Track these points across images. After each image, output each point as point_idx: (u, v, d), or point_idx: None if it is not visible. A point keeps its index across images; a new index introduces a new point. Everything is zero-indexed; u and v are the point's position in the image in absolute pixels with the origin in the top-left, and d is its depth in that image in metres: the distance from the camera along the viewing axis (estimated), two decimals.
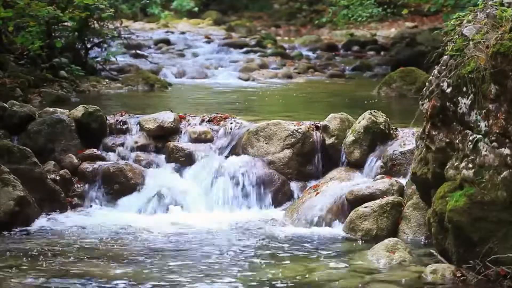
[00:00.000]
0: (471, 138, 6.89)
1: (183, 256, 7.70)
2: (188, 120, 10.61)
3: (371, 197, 8.75)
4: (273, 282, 6.89)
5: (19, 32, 13.86)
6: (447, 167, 7.19)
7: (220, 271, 7.18)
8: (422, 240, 8.21)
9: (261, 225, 8.96)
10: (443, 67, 7.23)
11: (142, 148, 10.30)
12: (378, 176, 9.21)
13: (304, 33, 28.02)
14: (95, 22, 16.27)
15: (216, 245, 8.10)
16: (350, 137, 9.66)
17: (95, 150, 10.15)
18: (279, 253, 7.82)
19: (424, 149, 7.58)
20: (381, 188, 8.84)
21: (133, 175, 9.79)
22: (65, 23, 15.26)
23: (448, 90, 7.12)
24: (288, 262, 7.51)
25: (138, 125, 10.47)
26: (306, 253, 7.83)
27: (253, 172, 9.73)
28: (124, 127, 10.52)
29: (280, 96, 15.35)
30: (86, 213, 9.50)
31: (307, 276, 7.06)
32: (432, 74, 7.46)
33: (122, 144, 10.32)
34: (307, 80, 18.30)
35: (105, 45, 17.15)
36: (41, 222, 9.03)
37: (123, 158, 10.14)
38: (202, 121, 10.60)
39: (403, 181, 8.93)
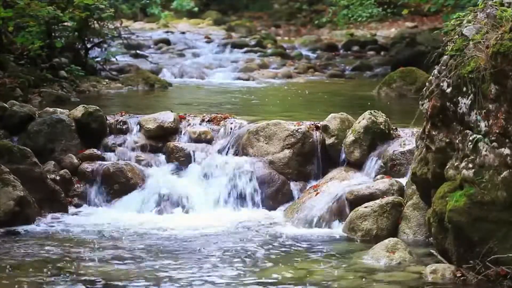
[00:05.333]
0: (471, 138, 6.89)
1: (183, 256, 7.70)
2: (188, 120, 10.61)
3: (371, 197, 8.75)
4: (273, 282, 6.88)
5: (19, 32, 13.85)
6: (447, 167, 7.19)
7: (219, 271, 7.18)
8: (422, 240, 8.21)
9: (261, 225, 8.97)
10: (443, 67, 7.23)
11: (142, 148, 10.30)
12: (378, 176, 9.20)
13: (304, 33, 28.03)
14: (95, 22, 16.27)
15: (215, 245, 8.10)
16: (350, 137, 9.66)
17: (95, 150, 10.15)
18: (279, 253, 7.82)
19: (424, 149, 7.58)
20: (381, 188, 8.84)
21: (133, 175, 9.80)
22: (65, 23, 15.25)
23: (448, 90, 7.12)
24: (288, 262, 7.50)
25: (138, 125, 10.47)
26: (306, 253, 7.83)
27: (253, 172, 9.72)
28: (124, 127, 10.52)
29: (280, 96, 15.36)
30: (86, 213, 9.50)
31: (307, 276, 7.06)
32: (432, 74, 7.46)
33: (122, 144, 10.32)
34: (307, 80, 18.30)
35: (105, 45, 17.16)
36: (41, 222, 9.03)
37: (123, 158, 10.14)
38: (202, 121, 10.60)
39: (403, 181, 8.92)
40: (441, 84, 7.18)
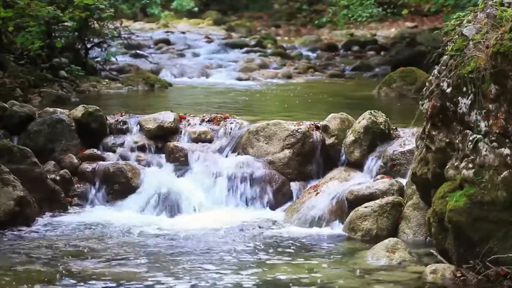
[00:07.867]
0: (471, 138, 6.89)
1: (183, 256, 7.70)
2: (188, 120, 10.61)
3: (371, 197, 8.75)
4: (273, 282, 6.89)
5: (19, 32, 13.85)
6: (447, 167, 7.19)
7: (219, 271, 7.18)
8: (422, 240, 8.21)
9: (261, 225, 8.96)
10: (443, 67, 7.23)
11: (142, 148, 10.30)
12: (378, 176, 9.21)
13: (304, 33, 28.04)
14: (95, 22, 16.29)
15: (215, 245, 8.10)
16: (350, 137, 9.66)
17: (95, 150, 10.16)
18: (279, 253, 7.82)
19: (424, 149, 7.58)
20: (381, 188, 8.84)
21: (133, 175, 9.80)
22: (65, 23, 15.26)
23: (448, 90, 7.12)
24: (288, 262, 7.50)
25: (138, 125, 10.47)
26: (306, 253, 7.83)
27: (253, 172, 9.72)
28: (124, 127, 10.52)
29: (280, 96, 15.36)
30: (86, 213, 9.50)
31: (307, 276, 7.06)
32: (432, 74, 7.46)
33: (122, 144, 10.32)
34: (307, 80, 18.31)
35: (105, 45, 17.17)
36: (41, 222, 9.03)
37: (123, 158, 10.14)
38: (202, 121, 10.60)
39: (403, 181, 8.92)
40: (441, 84, 7.18)
